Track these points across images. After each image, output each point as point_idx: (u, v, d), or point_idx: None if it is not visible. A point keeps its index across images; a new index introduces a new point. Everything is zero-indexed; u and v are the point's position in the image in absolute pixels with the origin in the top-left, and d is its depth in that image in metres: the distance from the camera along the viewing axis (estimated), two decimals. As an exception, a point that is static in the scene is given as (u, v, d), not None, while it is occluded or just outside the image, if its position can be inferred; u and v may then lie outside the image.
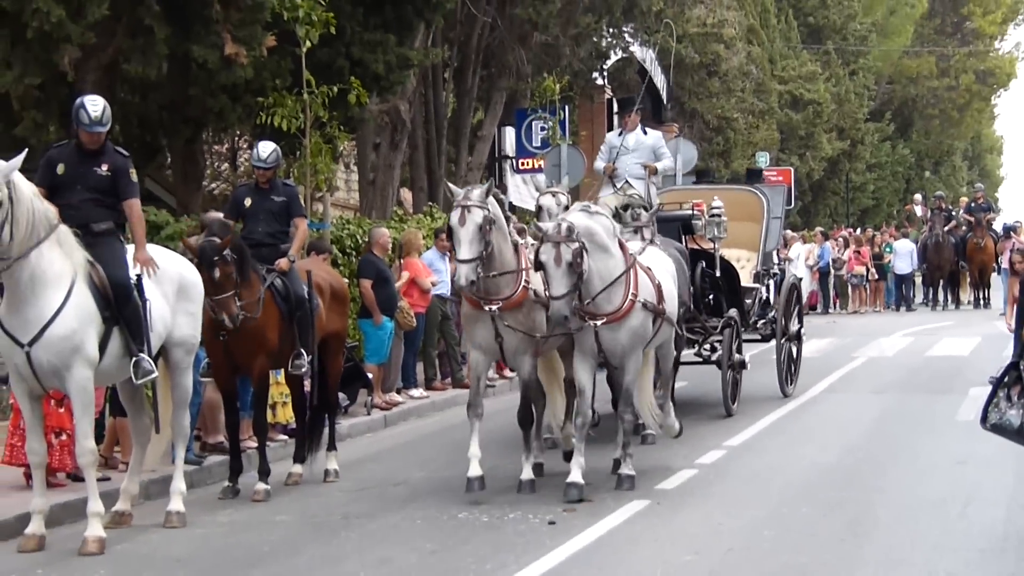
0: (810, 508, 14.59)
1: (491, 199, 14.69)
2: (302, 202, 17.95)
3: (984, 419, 11.28)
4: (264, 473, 15.84)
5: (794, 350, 23.07)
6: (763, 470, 16.67)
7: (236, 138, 33.03)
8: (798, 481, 16.03)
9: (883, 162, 69.67)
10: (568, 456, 15.75)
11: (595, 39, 39.68)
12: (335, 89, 24.12)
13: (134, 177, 14.28)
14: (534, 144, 37.58)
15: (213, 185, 36.24)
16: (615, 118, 51.84)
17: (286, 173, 22.96)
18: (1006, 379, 10.89)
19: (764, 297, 22.20)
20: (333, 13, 23.45)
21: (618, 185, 18.52)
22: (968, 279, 45.10)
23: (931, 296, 46.02)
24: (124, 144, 17.08)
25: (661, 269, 16.00)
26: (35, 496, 13.47)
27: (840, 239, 49.40)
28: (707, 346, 20.51)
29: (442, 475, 16.60)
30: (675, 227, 19.24)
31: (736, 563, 12.25)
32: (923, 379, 24.99)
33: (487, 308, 14.88)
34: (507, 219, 15.15)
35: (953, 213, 45.94)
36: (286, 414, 18.64)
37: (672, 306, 15.82)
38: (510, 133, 38.40)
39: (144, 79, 21.71)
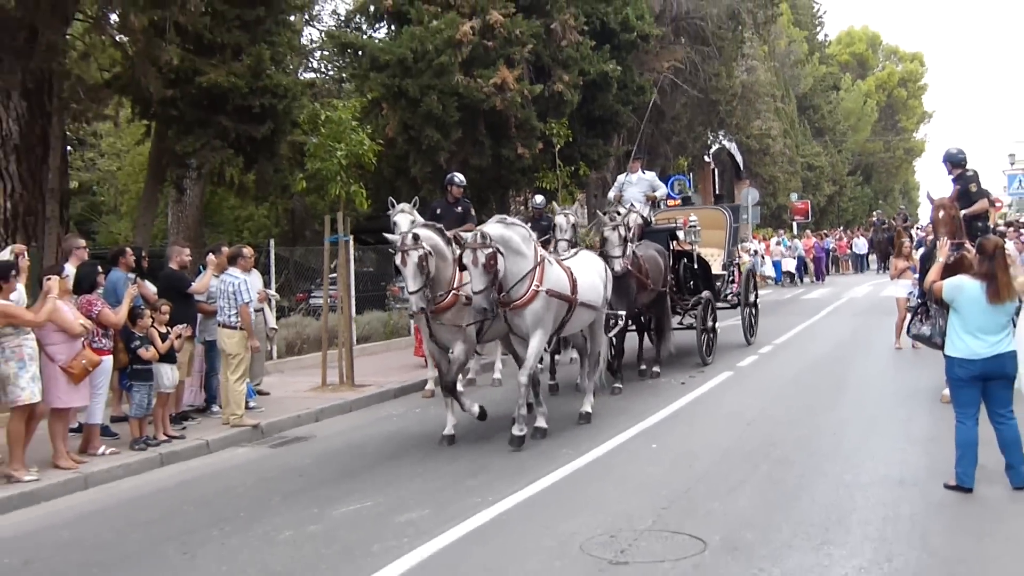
0: (812, 375, 14.37)
1: (429, 233, 10.29)
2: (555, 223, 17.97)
3: (908, 331, 11.00)
4: None
5: (752, 313, 18.54)
6: (787, 358, 16.26)
7: (526, 193, 33.20)
8: (807, 362, 15.69)
9: (857, 196, 68.15)
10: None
11: (704, 138, 39.15)
12: (572, 168, 24.33)
13: (471, 213, 14.22)
14: (674, 192, 37.01)
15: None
16: (717, 180, 51.42)
17: (550, 211, 23.20)
18: (918, 309, 10.59)
19: (730, 279, 18.04)
20: (571, 131, 23.59)
21: (625, 207, 15.10)
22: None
23: (879, 266, 44.19)
24: (471, 198, 17.29)
25: (587, 268, 11.48)
26: (428, 370, 13.74)
27: (837, 235, 48.90)
28: (690, 317, 16.07)
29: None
30: (665, 235, 15.96)
31: (777, 401, 12.12)
32: (878, 308, 24.21)
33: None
34: (448, 241, 10.56)
35: (885, 222, 44.28)
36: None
37: (590, 296, 11.17)
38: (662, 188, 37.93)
39: (479, 166, 21.99)
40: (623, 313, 12.96)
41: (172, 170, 17.73)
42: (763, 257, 36.69)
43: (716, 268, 17.40)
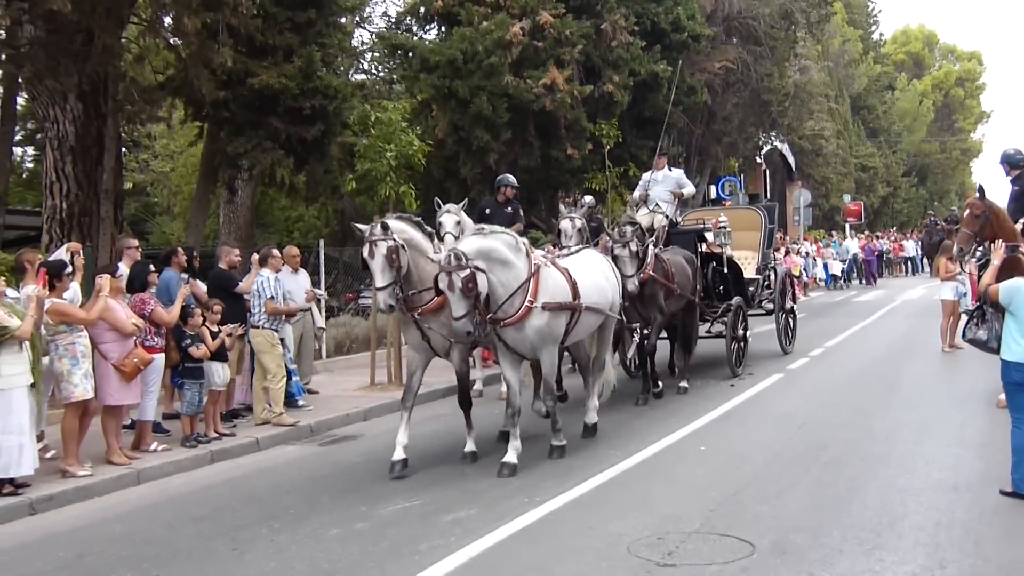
0: (864, 377, 14.19)
1: (402, 226, 9.41)
2: (605, 225, 17.85)
3: (964, 335, 10.85)
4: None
5: (790, 320, 17.21)
6: (838, 360, 16.11)
7: (575, 194, 33.19)
8: (859, 365, 15.50)
9: (911, 197, 67.30)
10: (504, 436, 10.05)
11: (755, 139, 38.77)
12: (622, 169, 24.21)
13: (520, 213, 14.04)
14: (724, 193, 36.72)
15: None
16: (768, 181, 50.98)
17: (599, 211, 23.16)
18: (974, 313, 10.44)
19: (765, 284, 16.64)
20: (620, 131, 23.54)
21: (650, 207, 14.64)
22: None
23: (931, 270, 43.17)
24: (521, 198, 17.23)
25: (590, 269, 10.39)
26: (476, 371, 13.57)
27: (891, 236, 48.22)
28: (721, 325, 14.95)
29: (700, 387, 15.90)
30: (691, 237, 14.81)
31: (828, 403, 11.98)
32: (932, 311, 23.80)
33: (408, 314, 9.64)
34: (430, 236, 9.76)
35: (939, 224, 43.20)
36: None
37: (594, 298, 10.06)
38: (712, 189, 37.66)
39: (528, 167, 22.00)
40: (637, 326, 12.31)
41: (224, 171, 17.95)
42: (815, 259, 36.36)
43: (749, 272, 16.28)
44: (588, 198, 17.52)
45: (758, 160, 45.48)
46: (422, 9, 23.98)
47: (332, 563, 6.65)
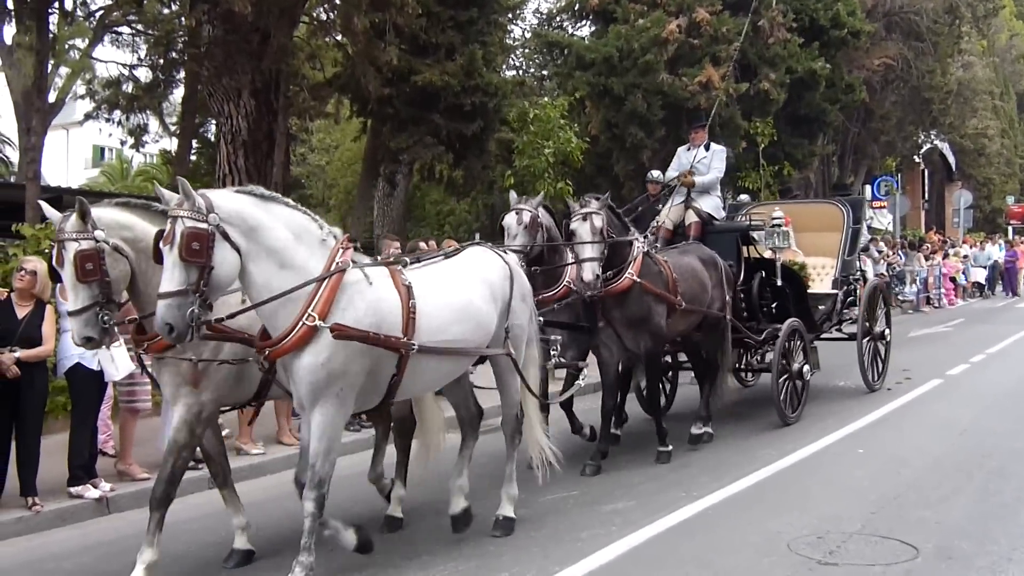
0: (1032, 386, 13.81)
1: (122, 218, 5.87)
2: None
3: None
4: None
5: (881, 349, 13.31)
6: (1001, 367, 15.67)
7: (728, 193, 32.96)
8: (1014, 380, 14.96)
9: (1082, 199, 64.23)
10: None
11: (914, 138, 37.72)
12: (776, 167, 23.97)
13: None
14: (880, 193, 35.84)
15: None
16: (926, 182, 49.32)
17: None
18: None
19: (845, 300, 12.77)
20: (775, 130, 23.29)
21: (686, 194, 11.53)
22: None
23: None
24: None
25: (459, 282, 6.64)
26: None
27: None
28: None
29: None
30: (733, 238, 11.27)
31: (990, 411, 11.73)
32: (1101, 319, 22.97)
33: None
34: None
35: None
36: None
37: (456, 331, 6.40)
38: (868, 188, 36.76)
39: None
40: (584, 364, 9.06)
41: (386, 165, 18.54)
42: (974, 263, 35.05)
43: (824, 286, 12.74)
44: (743, 196, 17.48)
45: (916, 160, 44.25)
46: (577, 6, 24.24)
47: (497, 545, 6.92)
